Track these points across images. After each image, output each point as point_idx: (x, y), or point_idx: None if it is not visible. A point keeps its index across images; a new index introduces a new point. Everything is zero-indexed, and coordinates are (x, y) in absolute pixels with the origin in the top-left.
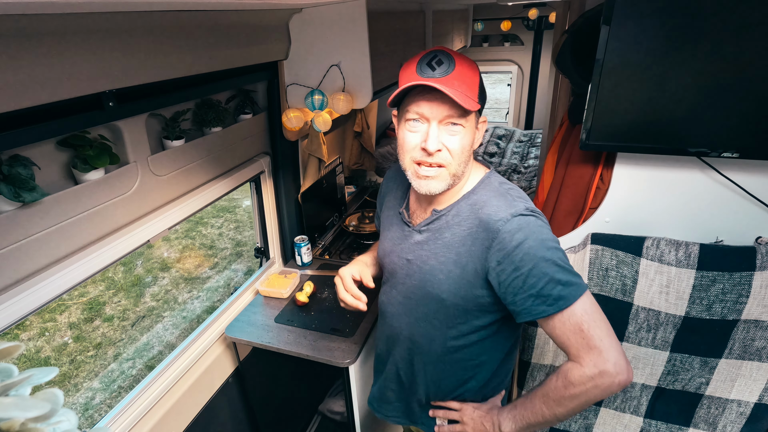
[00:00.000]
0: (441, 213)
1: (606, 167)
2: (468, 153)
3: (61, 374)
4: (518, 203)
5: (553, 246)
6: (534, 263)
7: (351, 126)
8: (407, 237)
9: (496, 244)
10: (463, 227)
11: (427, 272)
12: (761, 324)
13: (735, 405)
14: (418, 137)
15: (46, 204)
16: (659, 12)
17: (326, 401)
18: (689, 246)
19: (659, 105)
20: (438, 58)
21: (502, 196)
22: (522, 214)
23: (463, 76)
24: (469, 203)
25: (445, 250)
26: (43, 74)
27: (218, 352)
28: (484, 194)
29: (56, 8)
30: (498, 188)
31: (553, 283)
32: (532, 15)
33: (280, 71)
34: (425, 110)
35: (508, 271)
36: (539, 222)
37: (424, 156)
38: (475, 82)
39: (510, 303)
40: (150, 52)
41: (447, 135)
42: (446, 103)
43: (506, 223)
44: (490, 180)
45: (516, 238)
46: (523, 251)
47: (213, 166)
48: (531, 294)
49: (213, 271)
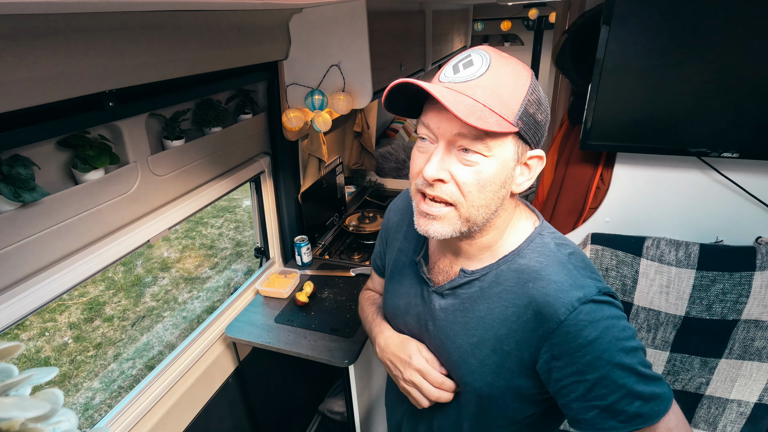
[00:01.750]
0: (473, 276)
1: (606, 167)
2: (493, 195)
3: (61, 374)
4: (587, 281)
5: (632, 346)
6: (606, 371)
7: (351, 126)
8: (426, 299)
9: (555, 337)
10: (505, 302)
11: (454, 353)
12: (761, 324)
13: (735, 405)
14: (423, 160)
15: (46, 204)
16: (659, 12)
17: (326, 401)
18: (689, 246)
19: (659, 105)
20: (470, 59)
21: (563, 267)
22: (593, 300)
23: (497, 85)
24: (515, 270)
25: (479, 329)
26: (43, 74)
27: (218, 352)
28: (535, 260)
29: (56, 8)
30: (555, 253)
31: (631, 398)
32: (532, 15)
33: (280, 71)
34: (432, 124)
35: (567, 372)
36: (614, 311)
37: (424, 184)
38: (519, 96)
39: (563, 405)
40: (150, 52)
41: (458, 163)
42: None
43: (572, 312)
44: (543, 239)
45: (584, 336)
46: (591, 354)
47: (213, 166)
48: (597, 405)
49: (213, 271)
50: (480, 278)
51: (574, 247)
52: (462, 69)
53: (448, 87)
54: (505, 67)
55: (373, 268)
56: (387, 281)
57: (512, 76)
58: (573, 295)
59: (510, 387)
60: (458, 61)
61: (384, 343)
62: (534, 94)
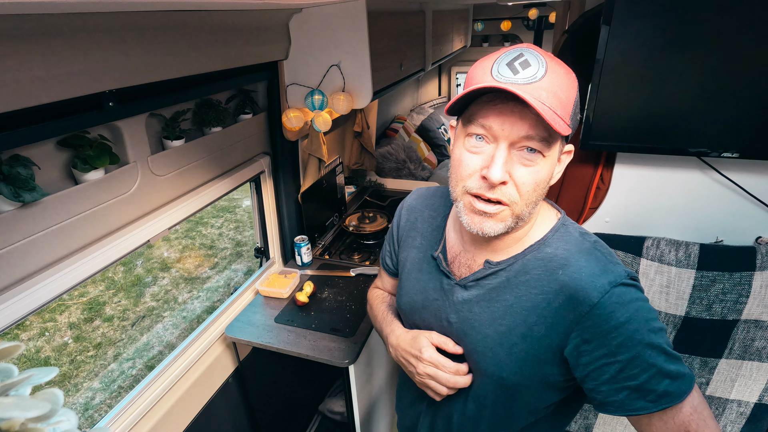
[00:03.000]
0: (499, 267)
1: (606, 167)
2: (542, 192)
3: (61, 374)
4: (616, 267)
5: (659, 327)
6: (637, 351)
7: (351, 126)
8: (448, 293)
9: (587, 320)
10: (534, 290)
11: (479, 343)
12: (761, 324)
13: (735, 405)
14: (478, 161)
15: (46, 204)
16: (659, 12)
17: (326, 401)
18: (689, 246)
19: (659, 105)
20: (525, 59)
21: (590, 255)
22: (623, 284)
23: (557, 87)
24: (541, 258)
25: (507, 317)
26: (43, 74)
27: (218, 352)
28: (562, 248)
29: (56, 8)
30: (581, 242)
31: (660, 377)
32: (532, 15)
33: (280, 71)
34: (495, 125)
35: (597, 355)
36: (641, 294)
37: (482, 188)
38: (572, 97)
39: (591, 389)
40: (150, 52)
41: (519, 164)
42: (526, 119)
43: (604, 295)
44: (567, 229)
45: (616, 317)
46: (624, 335)
47: (213, 166)
48: (627, 386)
49: (213, 271)
50: (506, 268)
51: (595, 237)
52: (520, 69)
53: (521, 88)
54: (559, 69)
55: (383, 267)
56: (402, 279)
57: (566, 78)
58: (604, 279)
59: (536, 374)
60: (512, 60)
61: (396, 342)
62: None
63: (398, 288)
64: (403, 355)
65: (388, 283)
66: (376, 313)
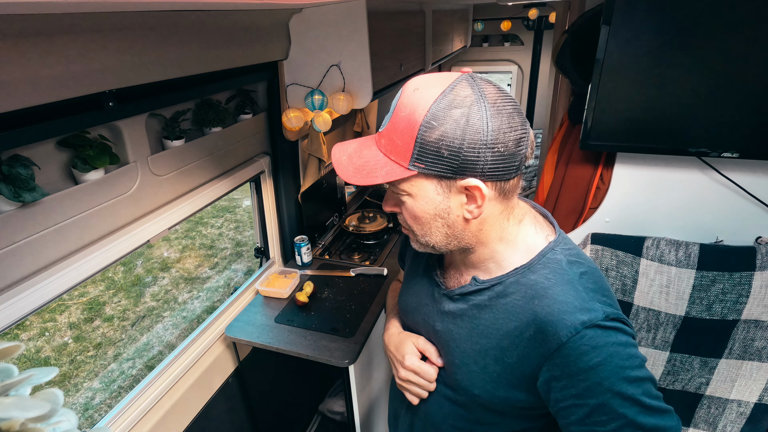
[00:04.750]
0: (483, 285)
1: (606, 167)
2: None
3: (61, 374)
4: (595, 304)
5: (636, 376)
6: (606, 399)
7: (351, 126)
8: (437, 301)
9: (556, 358)
10: (510, 315)
11: (457, 356)
12: (761, 324)
13: (735, 405)
14: None
15: (46, 204)
16: (659, 12)
17: (326, 401)
18: (689, 246)
19: (659, 105)
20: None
21: (571, 287)
22: (598, 326)
23: (393, 130)
24: (523, 284)
25: (482, 337)
26: (43, 74)
27: (218, 352)
28: (545, 276)
29: (57, 8)
30: (566, 271)
31: (632, 428)
32: (532, 15)
33: (280, 71)
34: None
35: (567, 394)
36: (621, 337)
37: None
38: (407, 138)
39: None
40: (150, 52)
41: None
42: None
43: (574, 335)
44: (555, 255)
45: (584, 360)
46: (592, 380)
47: (213, 166)
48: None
49: (213, 271)
50: (490, 288)
51: (588, 266)
52: (387, 115)
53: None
54: (406, 107)
55: (399, 260)
56: (405, 276)
57: (406, 119)
58: (577, 318)
59: (509, 399)
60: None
61: (387, 341)
62: (430, 130)
63: (401, 286)
64: (391, 356)
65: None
66: (386, 306)
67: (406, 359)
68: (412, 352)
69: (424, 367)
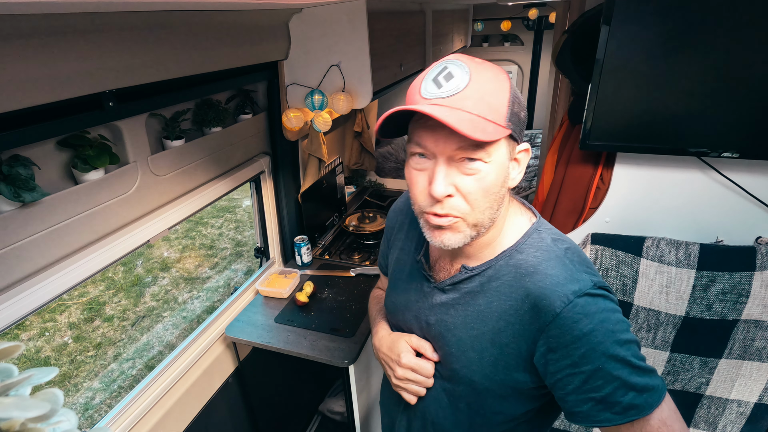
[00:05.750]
0: (473, 271)
1: (606, 167)
2: (495, 196)
3: (61, 374)
4: (582, 275)
5: (626, 339)
6: (600, 363)
7: (351, 126)
8: (427, 295)
9: (551, 330)
10: (503, 296)
11: (453, 345)
12: (761, 324)
13: (735, 405)
14: (425, 178)
15: (46, 204)
16: (659, 12)
17: (326, 401)
18: (689, 246)
19: (659, 105)
20: (448, 71)
21: (559, 262)
22: (588, 294)
23: (484, 92)
24: (513, 264)
25: (478, 322)
26: (43, 74)
27: (218, 352)
28: (532, 255)
29: (56, 8)
30: (552, 248)
31: (625, 389)
32: (532, 15)
33: (280, 71)
34: (429, 143)
35: (562, 365)
36: (609, 304)
37: (433, 205)
38: (503, 99)
39: (559, 398)
40: (150, 52)
41: (461, 175)
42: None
43: (567, 304)
44: (540, 234)
45: (578, 328)
46: (586, 346)
47: (213, 166)
48: (592, 398)
49: (213, 271)
50: (480, 274)
51: (570, 243)
52: (444, 83)
53: (436, 104)
54: (485, 73)
55: (379, 267)
56: (390, 279)
57: (494, 80)
58: (568, 289)
59: (507, 381)
60: (437, 75)
61: (378, 344)
62: (514, 93)
63: (387, 289)
64: (383, 358)
65: (384, 283)
66: (370, 312)
67: (402, 357)
68: (407, 350)
69: (421, 362)
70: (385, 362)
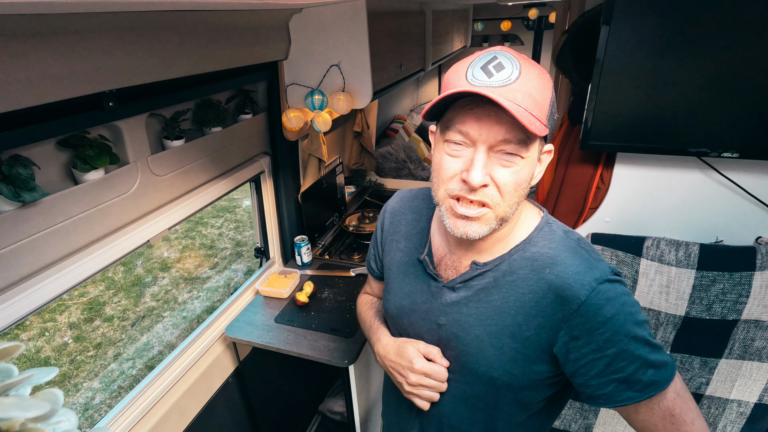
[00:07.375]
0: (486, 267)
1: (606, 167)
2: (524, 192)
3: (61, 374)
4: (600, 264)
5: (642, 319)
6: (624, 345)
7: (351, 126)
8: (436, 295)
9: (575, 318)
10: (520, 290)
11: (470, 344)
12: (761, 324)
13: (735, 405)
14: (459, 164)
15: (46, 204)
16: (659, 12)
17: (326, 401)
18: (689, 246)
19: (659, 105)
20: (499, 62)
21: (575, 253)
22: (608, 280)
23: (532, 88)
24: (528, 258)
25: (496, 317)
26: (43, 74)
27: (218, 352)
28: (547, 247)
29: (56, 8)
30: (565, 240)
31: (646, 367)
32: (532, 15)
33: (280, 71)
34: (472, 130)
35: (586, 351)
36: (625, 288)
37: (463, 190)
38: (547, 98)
39: (580, 384)
40: (150, 52)
41: (498, 166)
42: (503, 123)
43: (591, 292)
44: (551, 227)
45: (602, 314)
46: (611, 330)
47: (213, 166)
48: (615, 379)
49: (213, 271)
50: (493, 269)
51: (579, 234)
52: (495, 72)
53: (495, 92)
54: (533, 70)
55: (369, 271)
56: (388, 283)
57: (540, 79)
58: (590, 276)
59: (526, 373)
60: (486, 63)
61: (383, 351)
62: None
63: (384, 292)
64: (392, 365)
65: (375, 288)
66: (364, 318)
67: (415, 363)
68: (417, 355)
69: (435, 367)
70: (395, 369)
